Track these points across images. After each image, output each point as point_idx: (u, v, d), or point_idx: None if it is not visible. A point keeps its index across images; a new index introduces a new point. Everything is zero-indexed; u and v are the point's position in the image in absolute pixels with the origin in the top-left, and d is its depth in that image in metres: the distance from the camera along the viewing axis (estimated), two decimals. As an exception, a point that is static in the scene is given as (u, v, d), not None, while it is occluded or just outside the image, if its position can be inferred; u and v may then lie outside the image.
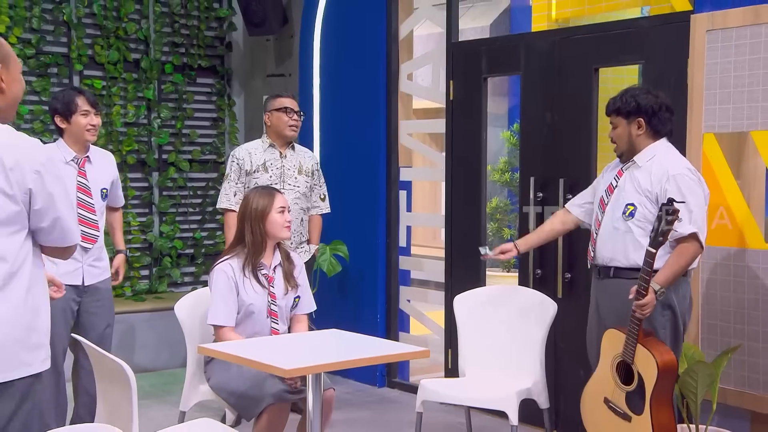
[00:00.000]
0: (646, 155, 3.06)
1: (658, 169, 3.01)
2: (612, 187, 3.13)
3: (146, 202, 5.59)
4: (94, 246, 3.48)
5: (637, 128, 3.05)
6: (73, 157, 3.47)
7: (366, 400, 4.66)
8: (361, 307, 5.01)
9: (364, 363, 2.76)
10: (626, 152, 3.10)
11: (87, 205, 3.47)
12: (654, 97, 3.05)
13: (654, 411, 2.90)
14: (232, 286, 3.11)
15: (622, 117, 3.05)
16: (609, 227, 3.10)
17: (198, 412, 3.79)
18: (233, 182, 4.08)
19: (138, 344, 5.13)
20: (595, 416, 3.12)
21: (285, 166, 4.08)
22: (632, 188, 3.05)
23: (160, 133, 5.58)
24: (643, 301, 2.87)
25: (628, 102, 3.04)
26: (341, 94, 5.14)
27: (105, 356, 2.52)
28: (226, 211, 4.10)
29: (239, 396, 3.01)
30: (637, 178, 3.06)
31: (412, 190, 5.07)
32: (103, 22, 5.32)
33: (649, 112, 3.03)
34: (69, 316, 3.45)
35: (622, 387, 3.00)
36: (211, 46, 5.81)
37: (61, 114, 3.45)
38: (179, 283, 5.71)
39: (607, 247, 3.11)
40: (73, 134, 3.47)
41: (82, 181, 3.47)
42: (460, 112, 4.49)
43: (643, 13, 4.40)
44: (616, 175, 3.14)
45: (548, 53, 4.06)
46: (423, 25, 4.94)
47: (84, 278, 3.48)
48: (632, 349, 2.92)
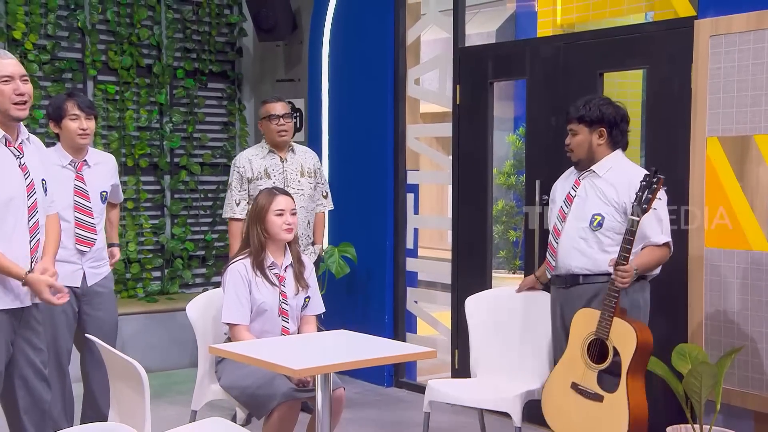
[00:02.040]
0: (605, 165, 3.10)
1: (621, 180, 3.05)
2: (571, 197, 3.14)
3: (158, 204, 5.67)
4: (92, 248, 3.49)
5: (598, 137, 3.09)
6: (70, 161, 3.47)
7: (374, 400, 4.71)
8: (369, 308, 5.06)
9: (373, 363, 2.81)
10: (584, 160, 3.13)
11: (84, 209, 3.46)
12: (616, 109, 3.10)
13: (630, 386, 2.89)
14: (245, 285, 3.17)
15: (584, 125, 3.09)
16: (573, 237, 3.10)
17: (209, 411, 3.84)
18: (235, 191, 4.09)
19: (150, 344, 5.20)
20: (561, 405, 3.06)
21: (287, 170, 4.11)
22: (597, 199, 3.08)
23: (172, 137, 5.66)
24: (626, 267, 2.88)
25: (592, 111, 3.08)
26: (349, 99, 5.20)
27: (118, 356, 2.57)
28: (230, 221, 4.12)
29: (250, 395, 3.06)
30: (600, 188, 3.08)
31: (419, 192, 5.13)
32: (116, 28, 5.40)
33: (611, 123, 3.08)
34: (71, 318, 3.45)
35: (594, 366, 2.97)
36: (222, 52, 5.88)
37: (53, 119, 3.47)
38: (190, 284, 5.78)
39: (572, 255, 3.10)
40: (66, 138, 3.46)
41: (80, 185, 3.47)
42: (467, 116, 4.55)
43: (647, 19, 4.44)
44: (574, 184, 3.16)
45: (553, 58, 4.10)
46: (430, 31, 5.00)
47: (86, 279, 3.49)
48: (608, 324, 2.91)
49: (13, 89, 2.67)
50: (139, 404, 2.40)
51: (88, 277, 3.50)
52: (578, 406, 3.01)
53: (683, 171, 3.54)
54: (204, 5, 5.75)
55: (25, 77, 2.73)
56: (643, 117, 4.42)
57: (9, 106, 2.67)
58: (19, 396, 2.78)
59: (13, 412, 2.81)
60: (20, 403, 2.79)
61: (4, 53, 2.72)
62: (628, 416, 2.87)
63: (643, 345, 2.91)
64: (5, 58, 2.69)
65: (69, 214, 3.41)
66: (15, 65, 2.70)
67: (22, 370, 2.78)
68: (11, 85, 2.67)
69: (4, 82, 2.66)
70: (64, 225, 3.37)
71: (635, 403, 2.90)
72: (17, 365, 2.77)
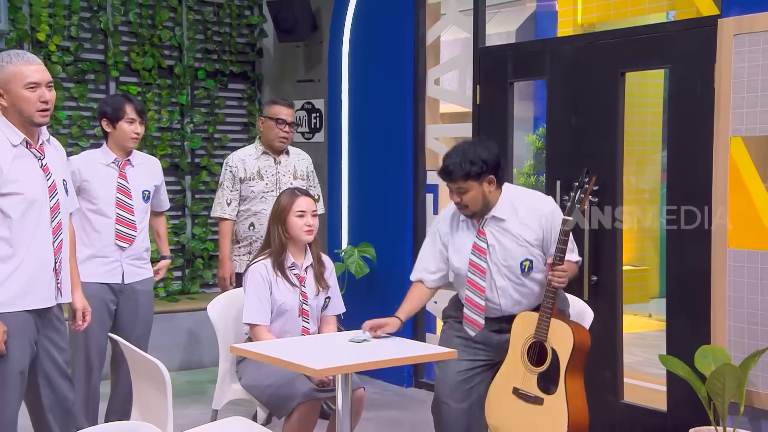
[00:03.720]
0: (504, 206, 3.02)
1: (527, 215, 3.00)
2: (482, 249, 3.02)
3: (179, 205, 5.71)
4: (132, 245, 3.55)
5: (488, 185, 2.97)
6: (114, 159, 3.55)
7: (393, 401, 4.71)
8: (388, 308, 5.02)
9: (393, 363, 2.82)
10: (479, 211, 3.01)
11: (126, 206, 3.54)
12: (491, 149, 3.00)
13: (568, 385, 2.88)
14: (266, 285, 3.19)
15: (472, 180, 2.94)
16: (509, 289, 3.03)
17: (230, 411, 3.86)
18: (227, 190, 4.09)
19: (171, 343, 5.23)
20: (504, 411, 3.02)
21: (280, 172, 4.11)
22: (515, 245, 2.99)
23: (193, 137, 5.70)
24: (563, 266, 2.88)
25: (475, 163, 2.93)
26: (369, 99, 5.21)
27: (141, 355, 2.59)
28: (220, 220, 4.12)
29: (270, 394, 3.08)
30: (512, 233, 2.99)
31: (439, 193, 5.12)
32: (138, 29, 5.45)
33: (495, 166, 2.99)
34: (105, 316, 3.50)
35: (533, 369, 2.95)
36: (242, 53, 5.91)
37: (109, 118, 3.54)
38: (211, 284, 5.82)
39: (513, 299, 3.04)
40: (116, 139, 3.55)
41: (122, 183, 3.55)
42: (487, 116, 4.54)
43: (668, 18, 4.41)
44: (479, 234, 3.03)
45: (574, 58, 4.09)
46: (449, 31, 4.99)
47: (124, 276, 3.55)
48: (546, 325, 2.91)
49: (38, 96, 2.69)
50: (162, 403, 2.42)
51: (126, 274, 3.55)
52: (519, 411, 2.97)
53: (706, 171, 3.51)
54: (225, 6, 5.79)
55: (51, 84, 2.74)
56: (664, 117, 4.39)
57: (33, 113, 2.69)
58: (43, 395, 2.81)
59: (38, 411, 2.84)
60: (44, 402, 2.82)
61: (32, 58, 2.74)
62: (567, 417, 2.86)
63: (580, 345, 2.90)
64: (33, 64, 2.71)
65: (111, 211, 3.51)
66: (42, 72, 2.72)
67: (45, 369, 2.81)
68: (38, 92, 2.69)
69: (30, 89, 2.68)
70: (105, 221, 3.51)
71: (574, 404, 2.89)
72: (41, 364, 2.80)
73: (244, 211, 4.13)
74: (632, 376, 4.11)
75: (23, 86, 2.66)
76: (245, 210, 4.12)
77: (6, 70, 2.67)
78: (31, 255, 2.71)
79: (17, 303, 2.69)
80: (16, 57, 2.69)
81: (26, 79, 2.67)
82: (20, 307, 2.70)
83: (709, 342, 3.47)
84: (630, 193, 5.45)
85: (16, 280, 2.68)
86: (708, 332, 3.50)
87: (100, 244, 3.49)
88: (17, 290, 2.69)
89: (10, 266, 2.67)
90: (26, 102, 2.67)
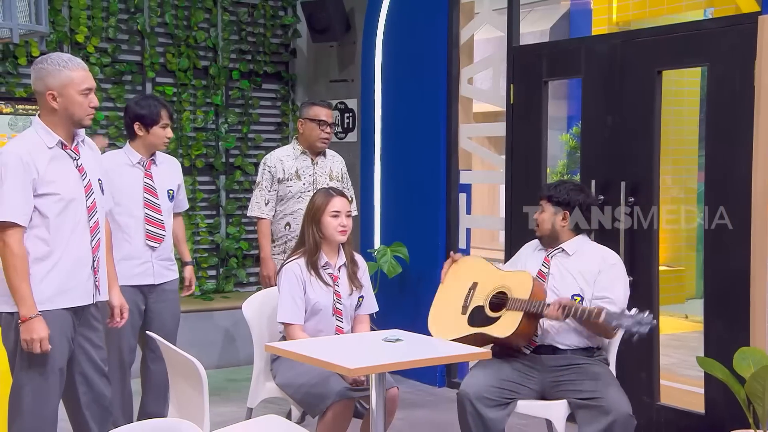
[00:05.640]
0: (574, 246, 3.25)
1: (591, 258, 3.21)
2: (543, 274, 3.24)
3: (214, 204, 5.77)
4: (161, 245, 3.57)
5: (561, 219, 3.24)
6: (140, 159, 3.56)
7: (426, 400, 4.71)
8: (421, 308, 5.03)
9: (426, 363, 2.81)
10: (546, 237, 3.27)
11: (153, 206, 3.56)
12: (584, 196, 3.26)
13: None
14: (299, 284, 3.20)
15: (550, 204, 3.26)
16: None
17: (264, 409, 3.89)
18: (265, 190, 4.11)
19: (206, 342, 5.29)
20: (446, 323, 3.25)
21: (317, 173, 4.13)
22: (572, 279, 3.19)
23: (227, 137, 5.75)
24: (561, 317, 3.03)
25: (561, 193, 3.24)
26: (402, 99, 5.21)
27: (178, 353, 2.62)
28: (258, 219, 4.15)
29: (304, 393, 3.09)
30: (573, 266, 3.20)
31: (472, 192, 5.11)
32: (174, 31, 5.52)
33: (574, 208, 3.23)
34: (136, 317, 3.51)
35: (489, 315, 3.14)
36: (276, 53, 5.95)
37: (144, 122, 3.54)
38: (245, 283, 5.87)
39: (568, 336, 3.18)
40: (148, 142, 3.56)
41: (149, 182, 3.57)
42: (521, 115, 4.51)
43: (706, 15, 4.34)
44: (544, 261, 3.27)
45: (610, 56, 4.04)
46: (483, 30, 4.97)
47: (155, 276, 3.58)
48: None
49: (89, 101, 2.79)
50: (198, 401, 2.44)
51: (156, 274, 3.59)
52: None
53: (746, 171, 3.45)
54: (259, 7, 5.83)
55: (95, 88, 2.85)
56: (701, 115, 4.32)
57: (83, 116, 2.79)
58: (80, 392, 2.86)
59: (75, 409, 2.89)
60: (82, 399, 2.87)
61: (83, 64, 2.81)
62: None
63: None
64: (85, 70, 2.79)
65: (139, 211, 3.53)
66: (91, 78, 2.82)
67: (82, 366, 2.86)
68: (90, 97, 2.79)
69: (84, 94, 2.77)
70: (134, 221, 3.52)
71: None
72: (78, 362, 2.85)
73: (280, 210, 4.16)
74: (668, 377, 4.06)
75: (78, 91, 2.75)
76: (282, 210, 4.16)
77: (62, 74, 2.74)
78: (69, 254, 2.76)
79: (55, 301, 2.75)
80: (70, 62, 2.77)
81: (82, 84, 2.76)
82: (58, 305, 2.76)
83: (747, 344, 3.42)
84: (666, 192, 5.39)
85: (53, 278, 2.74)
86: (747, 334, 3.44)
87: (131, 246, 3.50)
88: (55, 288, 2.75)
89: (47, 265, 2.74)
90: (79, 106, 2.76)
